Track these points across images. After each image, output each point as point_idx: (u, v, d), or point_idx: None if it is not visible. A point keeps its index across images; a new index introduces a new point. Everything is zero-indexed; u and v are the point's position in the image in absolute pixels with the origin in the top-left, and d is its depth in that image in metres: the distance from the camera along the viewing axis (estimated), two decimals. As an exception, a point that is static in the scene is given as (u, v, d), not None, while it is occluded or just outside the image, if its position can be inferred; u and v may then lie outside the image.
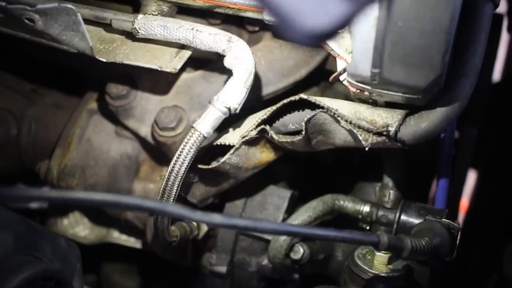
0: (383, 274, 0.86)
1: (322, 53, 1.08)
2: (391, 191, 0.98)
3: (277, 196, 1.07)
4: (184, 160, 0.89)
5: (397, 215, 0.96)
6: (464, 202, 1.87)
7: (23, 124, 1.19)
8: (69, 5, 0.89)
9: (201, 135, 0.90)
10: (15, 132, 1.20)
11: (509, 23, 1.50)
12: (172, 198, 0.91)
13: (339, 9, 0.47)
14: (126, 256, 1.36)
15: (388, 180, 0.98)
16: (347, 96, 0.95)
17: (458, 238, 0.92)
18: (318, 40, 0.48)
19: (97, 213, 1.27)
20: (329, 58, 1.11)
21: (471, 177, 1.79)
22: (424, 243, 0.85)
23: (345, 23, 0.48)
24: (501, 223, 1.63)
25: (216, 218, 0.66)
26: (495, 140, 1.66)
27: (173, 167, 0.90)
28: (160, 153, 1.09)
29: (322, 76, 1.11)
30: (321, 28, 0.47)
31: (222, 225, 0.68)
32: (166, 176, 0.90)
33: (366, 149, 0.86)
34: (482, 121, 1.53)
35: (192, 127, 0.91)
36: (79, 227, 1.29)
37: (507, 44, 1.70)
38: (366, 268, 0.86)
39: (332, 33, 0.48)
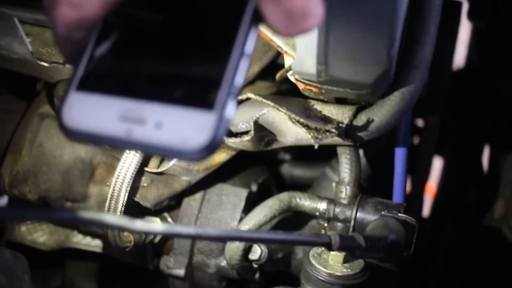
0: (338, 274, 0.84)
1: (275, 49, 1.06)
2: (347, 187, 0.96)
3: (233, 195, 1.05)
4: (130, 165, 0.87)
5: (354, 211, 0.94)
6: (432, 186, 1.88)
7: None
8: (5, 10, 0.86)
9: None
10: None
11: (469, 9, 1.49)
12: (121, 204, 0.89)
13: (209, 122, 0.43)
14: (89, 259, 1.33)
15: (344, 176, 0.96)
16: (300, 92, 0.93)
17: (415, 232, 0.90)
18: (208, 153, 0.43)
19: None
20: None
21: (438, 163, 1.80)
22: (379, 240, 0.84)
23: (223, 133, 0.43)
24: (468, 206, 1.64)
25: (157, 227, 0.64)
26: (458, 126, 1.66)
27: (119, 172, 0.87)
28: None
29: (277, 71, 1.09)
30: (202, 146, 0.43)
31: (164, 234, 0.66)
32: (113, 182, 0.88)
33: (316, 146, 0.84)
34: (446, 108, 1.53)
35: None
36: (37, 233, 1.26)
37: (469, 30, 1.69)
38: (321, 268, 0.84)
39: (217, 143, 0.43)
